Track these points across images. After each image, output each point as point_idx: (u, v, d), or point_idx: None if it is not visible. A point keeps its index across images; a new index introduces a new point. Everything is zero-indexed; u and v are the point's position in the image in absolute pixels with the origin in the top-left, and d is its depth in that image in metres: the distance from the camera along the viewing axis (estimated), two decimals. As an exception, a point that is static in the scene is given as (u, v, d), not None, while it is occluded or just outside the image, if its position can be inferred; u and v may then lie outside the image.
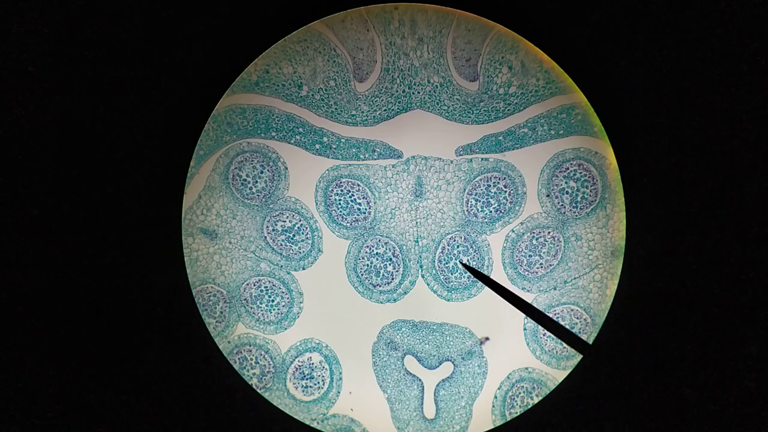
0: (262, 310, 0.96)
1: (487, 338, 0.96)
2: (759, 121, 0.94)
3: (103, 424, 0.97)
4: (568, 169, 0.94)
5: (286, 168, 0.96)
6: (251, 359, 0.96)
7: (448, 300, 0.97)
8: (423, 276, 0.97)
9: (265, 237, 0.96)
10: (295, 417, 0.95)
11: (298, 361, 0.97)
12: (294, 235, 0.96)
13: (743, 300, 0.94)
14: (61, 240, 0.96)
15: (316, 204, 0.96)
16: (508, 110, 0.94)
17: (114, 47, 0.95)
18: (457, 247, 0.96)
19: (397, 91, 0.94)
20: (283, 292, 0.97)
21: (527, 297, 0.96)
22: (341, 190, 0.96)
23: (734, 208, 0.94)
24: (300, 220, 0.96)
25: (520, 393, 0.95)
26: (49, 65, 0.95)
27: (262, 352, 0.96)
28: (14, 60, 0.95)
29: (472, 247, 0.96)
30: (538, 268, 0.96)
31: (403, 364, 0.97)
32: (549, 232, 0.95)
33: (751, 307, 0.94)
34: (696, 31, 0.94)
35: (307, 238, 0.97)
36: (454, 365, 0.97)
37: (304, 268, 0.97)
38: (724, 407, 0.95)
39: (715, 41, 0.94)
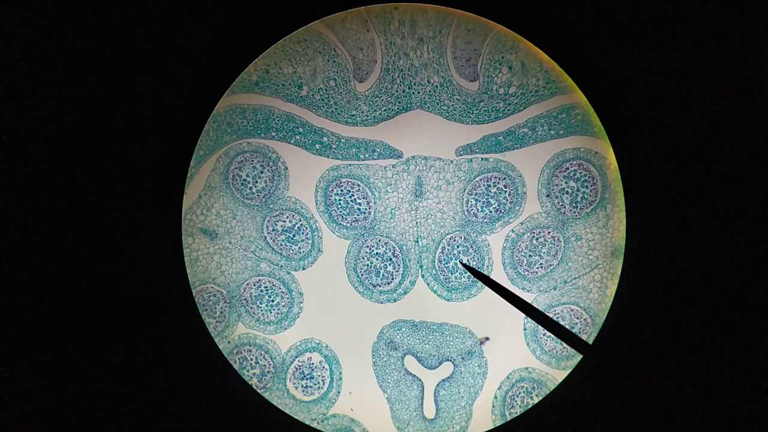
0: (262, 310, 0.96)
1: (487, 338, 0.96)
2: (759, 121, 0.94)
3: (102, 424, 0.97)
4: (568, 169, 0.94)
5: (286, 168, 0.96)
6: (251, 359, 0.96)
7: (448, 300, 0.97)
8: (423, 276, 0.97)
9: (265, 237, 0.96)
10: (295, 417, 0.95)
11: (298, 361, 0.97)
12: (294, 235, 0.96)
13: (743, 300, 0.94)
14: (60, 240, 0.96)
15: (316, 204, 0.96)
16: (508, 110, 0.94)
17: (114, 47, 0.95)
18: (457, 247, 0.96)
19: (397, 91, 0.94)
20: (283, 292, 0.97)
21: (527, 297, 0.96)
22: (341, 190, 0.96)
23: (734, 207, 0.94)
24: (300, 220, 0.96)
25: (520, 393, 0.95)
26: (49, 65, 0.95)
27: (262, 352, 0.96)
28: (14, 60, 0.95)
29: (472, 247, 0.96)
30: (538, 268, 0.96)
31: (403, 364, 0.97)
32: (549, 232, 0.95)
33: (751, 306, 0.94)
34: (696, 30, 0.94)
35: (307, 238, 0.97)
36: (454, 365, 0.97)
37: (304, 268, 0.97)
38: (725, 407, 0.95)
39: (715, 41, 0.94)
